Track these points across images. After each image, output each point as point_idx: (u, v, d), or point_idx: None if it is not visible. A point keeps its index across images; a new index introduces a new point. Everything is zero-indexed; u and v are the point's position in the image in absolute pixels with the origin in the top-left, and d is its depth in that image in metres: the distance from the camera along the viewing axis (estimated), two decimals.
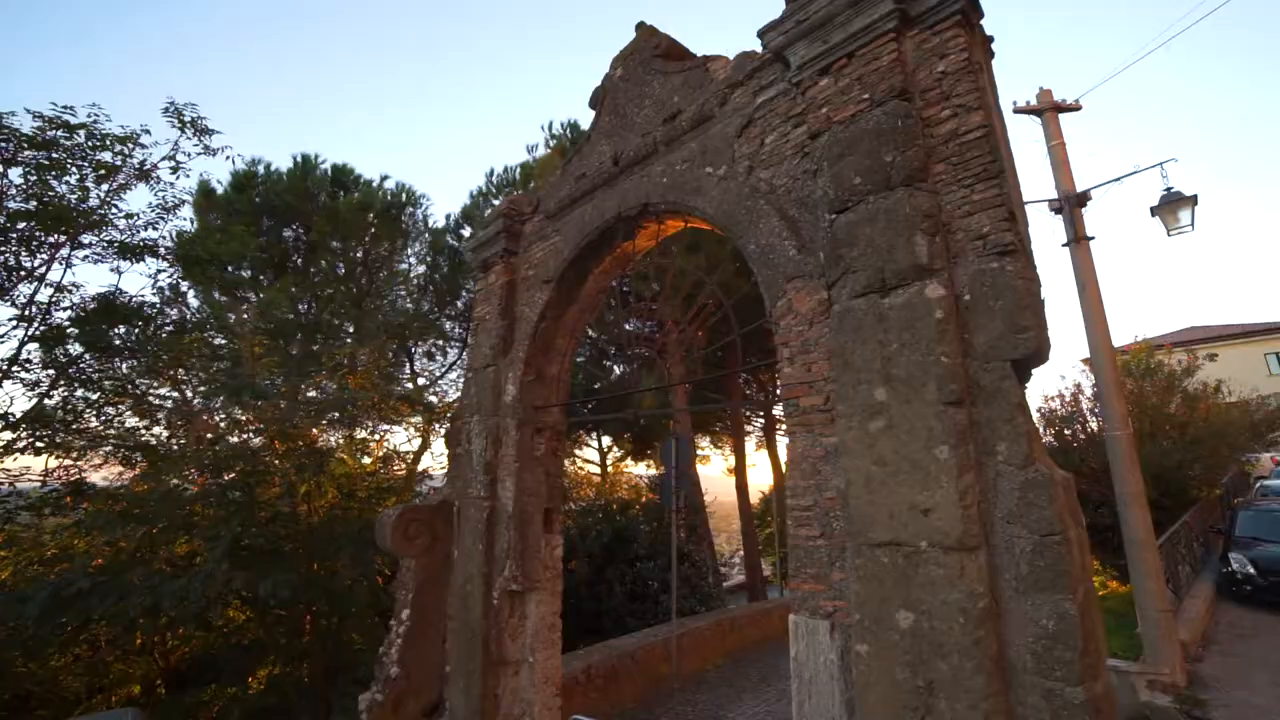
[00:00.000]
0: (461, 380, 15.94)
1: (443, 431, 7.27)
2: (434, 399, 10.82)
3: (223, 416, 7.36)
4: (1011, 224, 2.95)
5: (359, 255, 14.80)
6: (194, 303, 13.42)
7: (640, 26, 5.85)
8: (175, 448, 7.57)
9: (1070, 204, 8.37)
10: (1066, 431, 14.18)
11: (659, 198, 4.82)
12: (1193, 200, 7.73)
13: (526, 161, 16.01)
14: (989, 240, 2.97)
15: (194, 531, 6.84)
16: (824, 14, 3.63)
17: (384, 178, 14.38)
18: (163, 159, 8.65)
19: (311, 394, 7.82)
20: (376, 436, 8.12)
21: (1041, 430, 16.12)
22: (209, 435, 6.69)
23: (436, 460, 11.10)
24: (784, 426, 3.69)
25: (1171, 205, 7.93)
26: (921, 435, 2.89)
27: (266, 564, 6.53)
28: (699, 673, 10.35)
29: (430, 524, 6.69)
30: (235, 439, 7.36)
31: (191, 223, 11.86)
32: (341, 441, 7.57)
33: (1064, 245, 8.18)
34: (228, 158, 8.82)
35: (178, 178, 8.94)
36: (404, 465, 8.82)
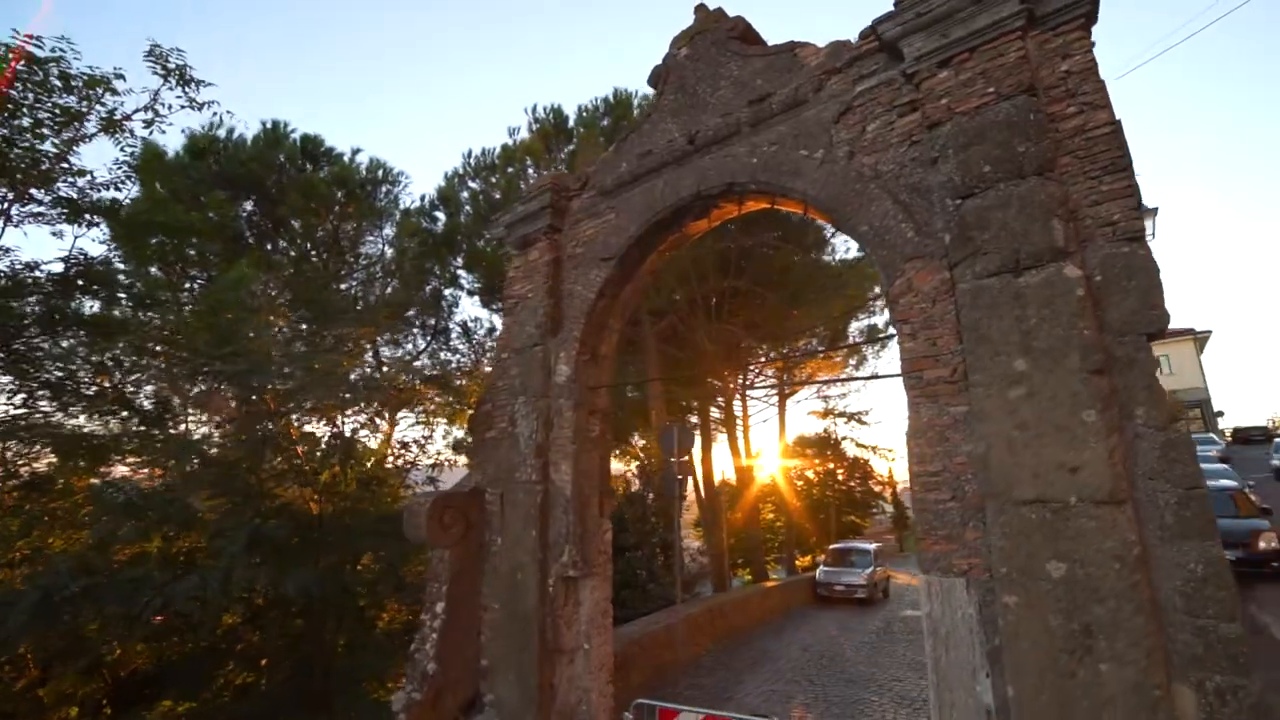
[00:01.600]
0: (419, 363, 15.29)
1: (455, 416, 6.97)
2: (460, 381, 10.24)
3: (239, 397, 6.67)
4: (1139, 213, 3.27)
5: (322, 234, 13.83)
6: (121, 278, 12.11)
7: (700, 9, 5.90)
8: (164, 437, 6.78)
9: None
10: None
11: (748, 178, 4.89)
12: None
13: (507, 144, 15.55)
14: (1119, 227, 3.28)
15: (197, 527, 6.17)
16: (945, 9, 3.84)
17: (356, 151, 13.48)
18: (137, 110, 7.73)
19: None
20: (392, 423, 7.61)
21: None
22: (227, 419, 6.03)
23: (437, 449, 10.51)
24: (906, 397, 3.86)
25: None
26: (1066, 401, 3.14)
27: (285, 559, 6.00)
28: (695, 658, 10.53)
29: (464, 511, 6.44)
30: (256, 425, 6.68)
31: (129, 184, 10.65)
32: (361, 427, 7.08)
33: None
34: (215, 114, 7.99)
35: (152, 132, 8.04)
36: (421, 454, 8.30)
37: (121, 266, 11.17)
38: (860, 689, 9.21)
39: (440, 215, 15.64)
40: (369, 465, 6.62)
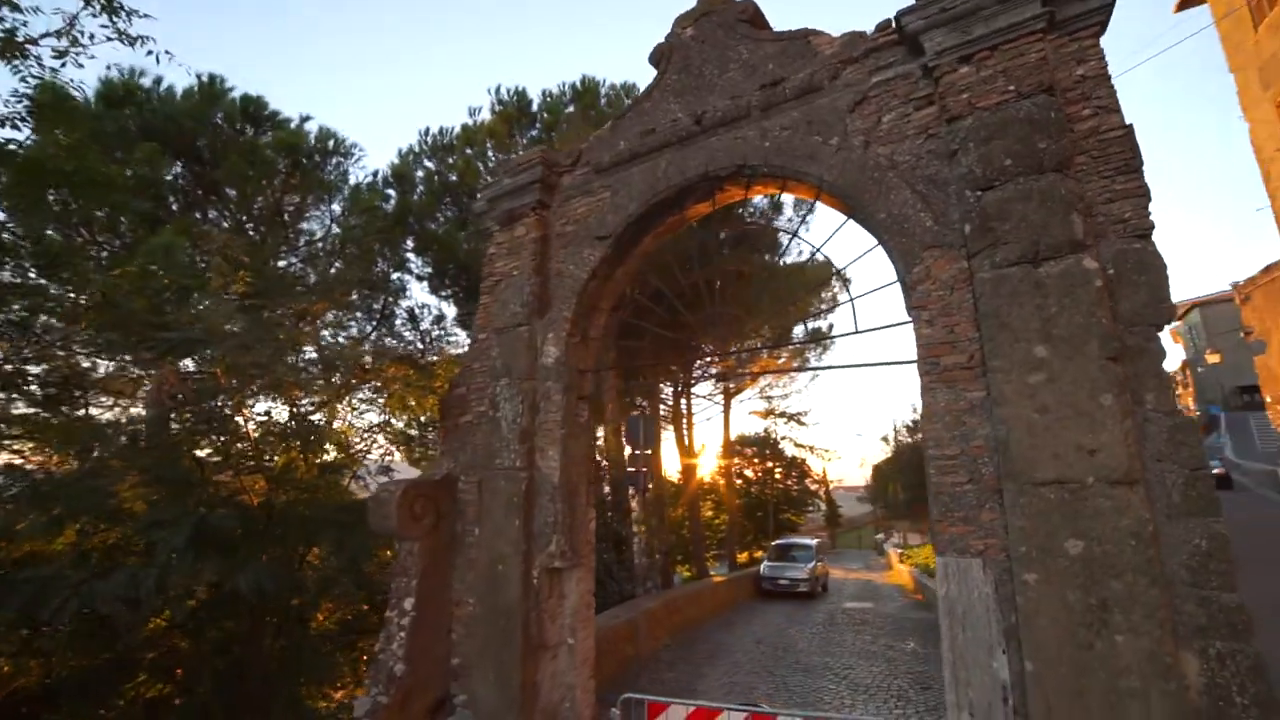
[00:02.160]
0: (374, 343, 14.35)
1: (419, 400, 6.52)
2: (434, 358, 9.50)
3: (191, 370, 5.84)
4: (1148, 212, 3.47)
5: (261, 205, 12.69)
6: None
7: None
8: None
9: None
10: None
11: (760, 160, 4.86)
12: None
13: (467, 125, 14.88)
14: (1130, 224, 3.47)
15: (123, 519, 5.37)
16: (969, 5, 3.95)
17: (305, 119, 12.39)
18: (47, 35, 6.73)
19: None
20: (352, 406, 6.92)
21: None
22: (177, 393, 5.24)
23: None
24: (921, 382, 3.93)
25: None
26: (1085, 386, 3.29)
27: (233, 552, 5.33)
28: (654, 652, 10.46)
29: (435, 501, 6.06)
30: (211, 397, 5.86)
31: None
32: (319, 409, 6.35)
33: None
34: (150, 53, 7.06)
35: (65, 64, 7.04)
36: (381, 441, 7.62)
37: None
38: (817, 678, 9.45)
39: (392, 194, 14.80)
40: (332, 451, 6.05)
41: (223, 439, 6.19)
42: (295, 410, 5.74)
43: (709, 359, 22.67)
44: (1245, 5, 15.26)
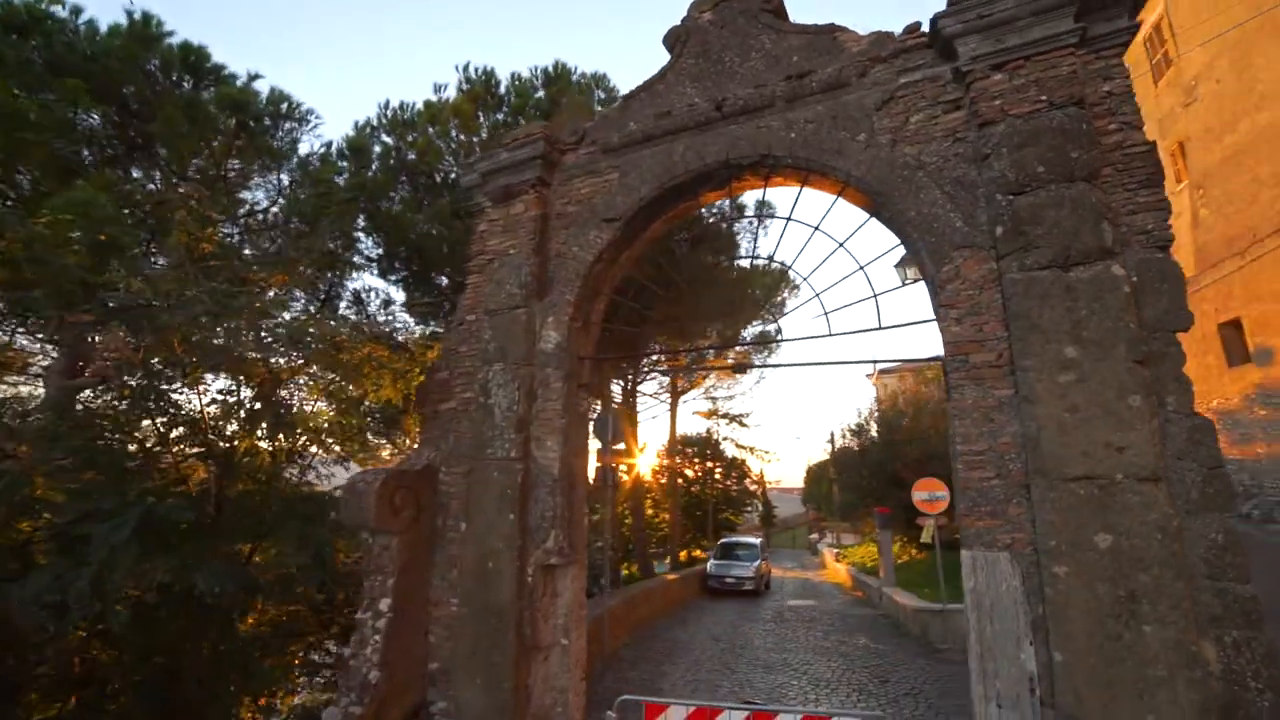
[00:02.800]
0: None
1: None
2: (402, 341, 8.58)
3: (137, 341, 4.93)
4: (1168, 224, 3.67)
5: (198, 168, 11.43)
6: None
7: None
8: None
9: None
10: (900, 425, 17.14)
11: (785, 151, 4.80)
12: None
13: (431, 101, 14.05)
14: (1152, 235, 3.66)
15: (38, 510, 4.53)
16: (1005, 14, 4.05)
17: (254, 77, 11.17)
18: None
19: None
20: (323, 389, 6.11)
21: (868, 429, 19.30)
22: (121, 360, 4.41)
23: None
24: (949, 379, 3.99)
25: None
26: (1114, 386, 3.42)
27: (181, 547, 4.62)
28: (615, 651, 10.27)
29: (416, 493, 5.64)
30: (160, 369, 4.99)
31: None
32: (282, 386, 5.59)
33: None
34: None
35: None
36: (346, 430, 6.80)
37: None
38: (777, 674, 9.58)
39: (345, 167, 13.80)
40: (301, 438, 5.39)
41: (163, 420, 5.41)
42: (261, 390, 5.09)
43: (656, 357, 22.70)
44: (1149, 64, 16.84)
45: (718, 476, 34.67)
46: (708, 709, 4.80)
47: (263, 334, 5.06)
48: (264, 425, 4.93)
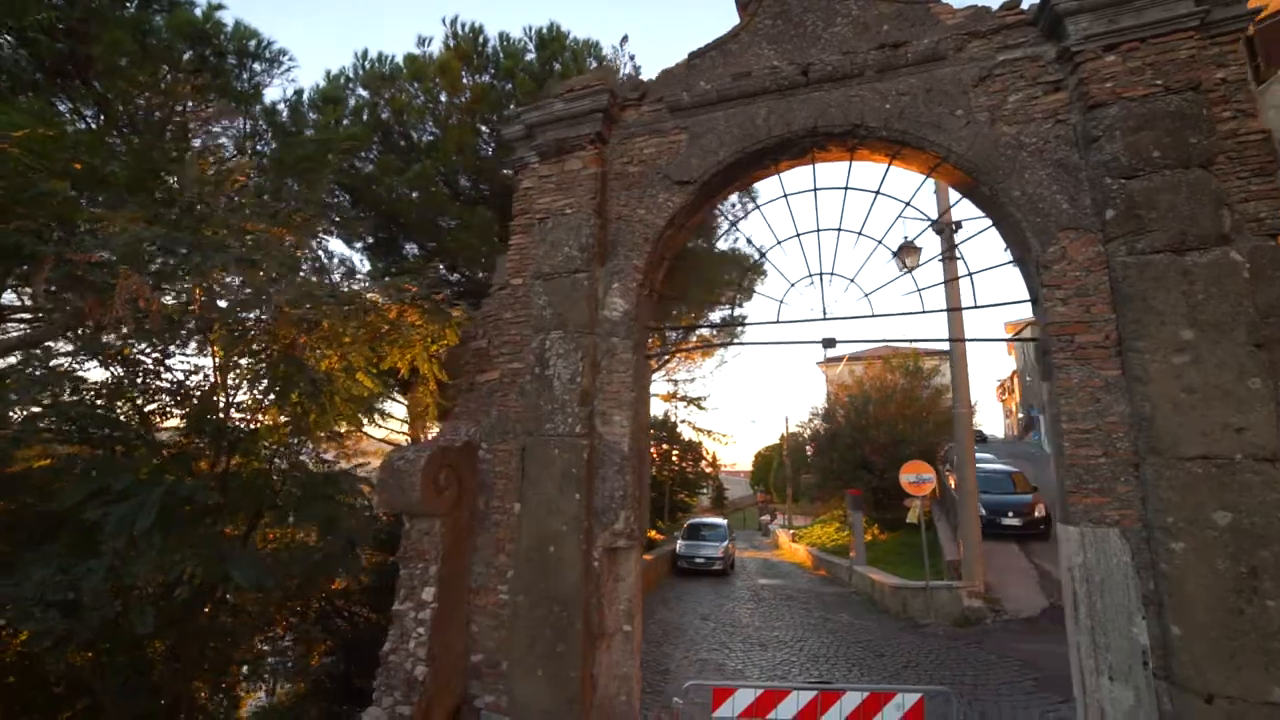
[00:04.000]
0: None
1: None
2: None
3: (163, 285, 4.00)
4: None
5: (143, 104, 10.03)
6: None
7: None
8: None
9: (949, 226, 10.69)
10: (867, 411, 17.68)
11: (879, 123, 4.64)
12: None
13: (414, 55, 13.02)
14: (1265, 223, 3.75)
15: (22, 490, 3.72)
16: None
17: (216, 6, 9.86)
18: None
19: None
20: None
21: (836, 414, 19.83)
22: (148, 306, 3.55)
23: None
24: (1053, 359, 3.99)
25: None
26: (1232, 369, 3.50)
27: (187, 533, 3.93)
28: None
29: (457, 471, 5.20)
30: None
31: None
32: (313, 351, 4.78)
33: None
34: None
35: None
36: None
37: None
38: (775, 651, 9.72)
39: (315, 120, 12.60)
40: (339, 408, 4.68)
41: (169, 386, 4.62)
42: (287, 354, 4.39)
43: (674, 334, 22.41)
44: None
45: (674, 459, 34.98)
46: (775, 691, 4.72)
47: (297, 290, 4.43)
48: (295, 394, 4.29)
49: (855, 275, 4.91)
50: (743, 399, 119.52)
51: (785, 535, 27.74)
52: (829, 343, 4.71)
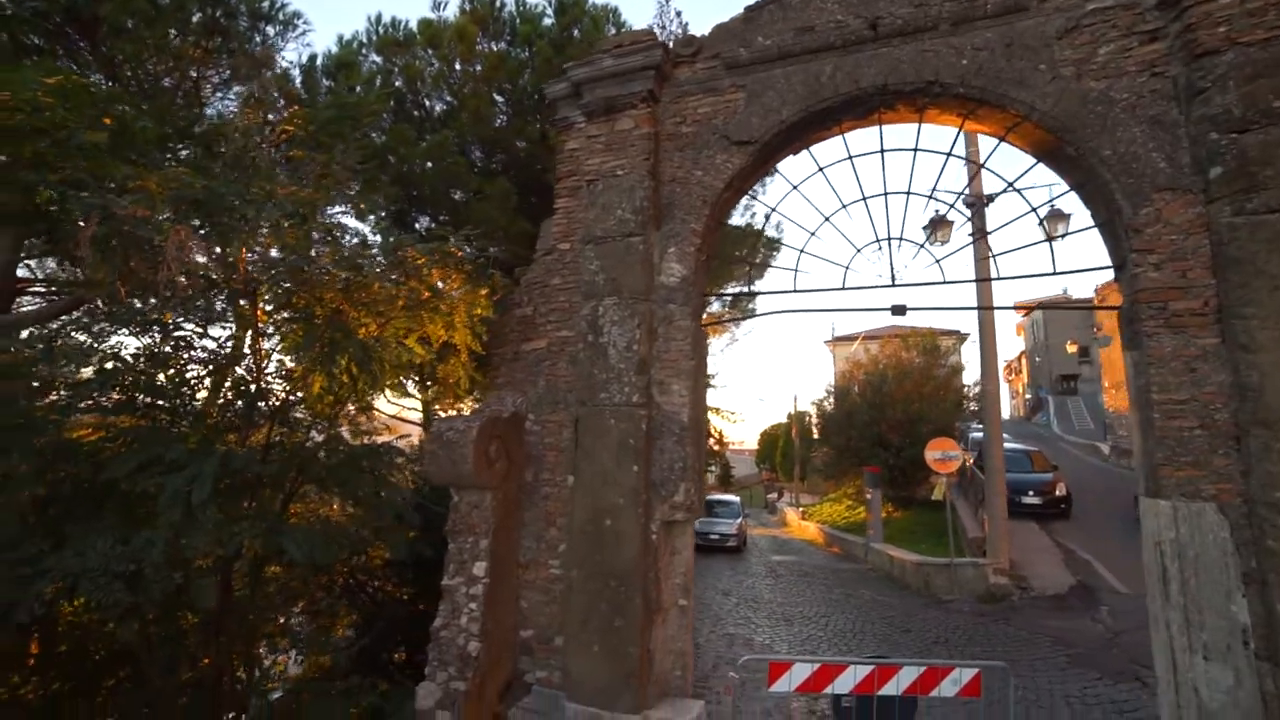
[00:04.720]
0: None
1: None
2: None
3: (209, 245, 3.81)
4: None
5: (151, 68, 9.68)
6: None
7: None
8: None
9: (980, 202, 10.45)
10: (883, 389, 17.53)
11: (956, 79, 4.39)
12: (1067, 216, 10.25)
13: (429, 19, 12.60)
14: None
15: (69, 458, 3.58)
16: None
17: None
18: None
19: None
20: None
21: (851, 392, 19.71)
22: (188, 266, 3.35)
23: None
24: (1142, 327, 3.81)
25: (1053, 219, 10.37)
26: None
27: (239, 509, 3.81)
28: None
29: (506, 443, 5.06)
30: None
31: None
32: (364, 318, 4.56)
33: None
34: None
35: None
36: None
37: None
38: (800, 626, 9.72)
39: (329, 86, 12.20)
40: (390, 375, 4.51)
41: (209, 352, 4.45)
42: (335, 321, 4.21)
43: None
44: None
45: None
46: (831, 665, 4.64)
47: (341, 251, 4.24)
48: (344, 359, 4.12)
49: (924, 241, 4.70)
50: (750, 377, 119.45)
51: (794, 513, 27.84)
52: (899, 309, 4.54)
